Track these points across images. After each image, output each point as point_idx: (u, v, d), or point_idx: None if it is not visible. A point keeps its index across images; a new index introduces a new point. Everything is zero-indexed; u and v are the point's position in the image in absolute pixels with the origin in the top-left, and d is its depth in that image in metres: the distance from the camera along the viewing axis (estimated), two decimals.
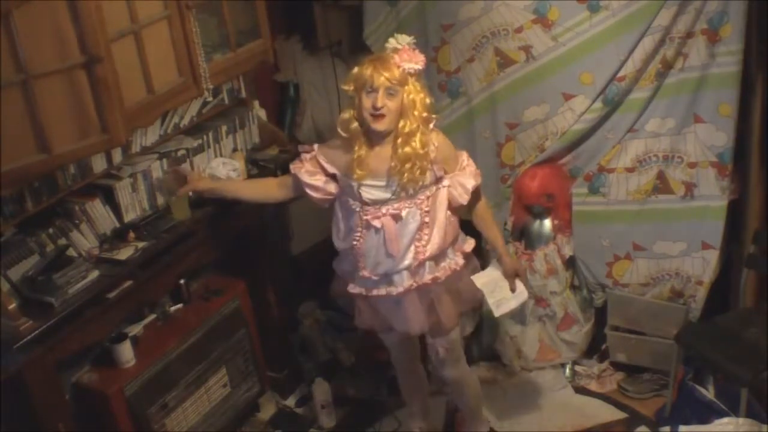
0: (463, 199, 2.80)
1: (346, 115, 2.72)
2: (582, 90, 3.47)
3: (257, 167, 3.53)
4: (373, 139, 2.71)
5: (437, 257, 2.83)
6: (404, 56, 2.63)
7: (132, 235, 3.03)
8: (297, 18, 4.25)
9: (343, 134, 2.74)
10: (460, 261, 2.89)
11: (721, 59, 3.26)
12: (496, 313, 2.97)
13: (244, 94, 3.59)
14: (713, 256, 3.46)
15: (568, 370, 3.77)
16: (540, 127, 3.61)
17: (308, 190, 2.86)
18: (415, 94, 2.65)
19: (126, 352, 3.03)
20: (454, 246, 2.89)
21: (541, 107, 3.57)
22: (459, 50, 3.67)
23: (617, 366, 3.72)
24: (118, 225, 3.06)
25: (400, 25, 3.77)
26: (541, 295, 3.69)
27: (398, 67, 2.61)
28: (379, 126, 2.64)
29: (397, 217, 2.74)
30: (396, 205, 2.73)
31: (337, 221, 2.89)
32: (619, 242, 3.62)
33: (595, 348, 3.80)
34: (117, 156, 3.04)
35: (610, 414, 3.53)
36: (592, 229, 3.64)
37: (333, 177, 2.82)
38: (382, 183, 2.71)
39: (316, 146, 2.86)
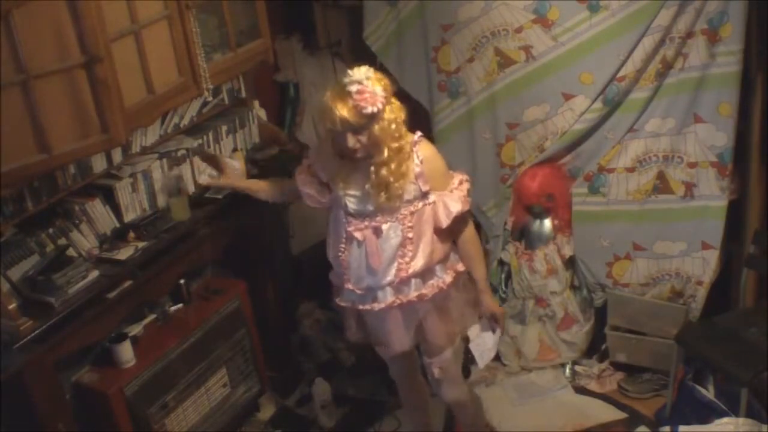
0: (444, 222, 2.65)
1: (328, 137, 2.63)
2: (582, 90, 3.47)
3: (257, 167, 3.53)
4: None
5: (424, 274, 2.71)
6: (360, 97, 2.43)
7: (132, 235, 3.03)
8: (297, 18, 4.25)
9: (331, 148, 2.66)
10: (448, 279, 2.75)
11: (721, 59, 3.26)
12: (480, 365, 2.94)
13: (244, 94, 3.59)
14: (713, 256, 3.46)
15: (568, 370, 3.77)
16: (540, 127, 3.61)
17: (305, 198, 2.80)
18: (385, 127, 2.49)
19: (126, 352, 3.03)
20: (445, 264, 2.76)
21: (541, 107, 3.57)
22: (459, 50, 3.67)
23: (617, 366, 3.72)
24: (118, 225, 3.06)
25: (399, 25, 3.77)
26: (541, 295, 3.69)
27: (357, 110, 2.43)
28: (357, 156, 2.56)
29: (378, 231, 2.63)
30: (378, 219, 2.63)
31: (329, 231, 2.79)
32: (619, 242, 3.62)
33: (595, 348, 3.79)
34: (117, 156, 3.05)
35: (610, 414, 3.52)
36: (592, 229, 3.64)
37: (327, 185, 2.74)
38: (365, 195, 2.62)
39: (311, 153, 2.80)
